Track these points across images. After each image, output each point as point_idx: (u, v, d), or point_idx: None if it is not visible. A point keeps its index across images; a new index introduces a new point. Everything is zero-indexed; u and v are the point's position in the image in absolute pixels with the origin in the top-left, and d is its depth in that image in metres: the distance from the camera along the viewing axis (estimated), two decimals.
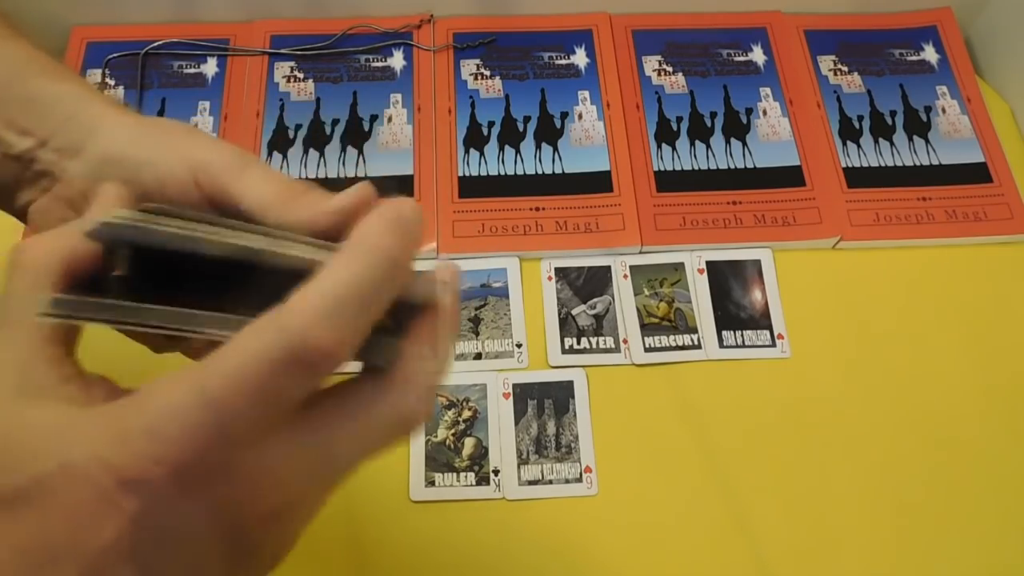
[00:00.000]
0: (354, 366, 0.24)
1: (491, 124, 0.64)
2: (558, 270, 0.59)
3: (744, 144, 0.64)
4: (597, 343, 0.56)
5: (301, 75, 0.66)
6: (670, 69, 0.67)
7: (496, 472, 0.52)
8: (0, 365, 0.22)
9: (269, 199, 0.27)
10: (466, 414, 0.54)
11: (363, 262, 0.21)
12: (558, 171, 0.62)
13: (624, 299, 0.58)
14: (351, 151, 0.63)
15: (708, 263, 0.59)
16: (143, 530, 0.20)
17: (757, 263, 0.59)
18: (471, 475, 0.52)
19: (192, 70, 0.66)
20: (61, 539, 0.20)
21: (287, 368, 0.20)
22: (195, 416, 0.20)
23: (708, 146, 0.63)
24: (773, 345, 0.57)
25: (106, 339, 0.26)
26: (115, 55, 0.66)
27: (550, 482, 0.52)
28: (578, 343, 0.56)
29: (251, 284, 0.22)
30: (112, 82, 0.65)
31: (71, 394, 0.22)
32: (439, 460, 0.52)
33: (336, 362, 0.21)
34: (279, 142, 0.63)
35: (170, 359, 0.31)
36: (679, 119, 0.65)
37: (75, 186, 0.31)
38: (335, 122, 0.64)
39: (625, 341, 0.56)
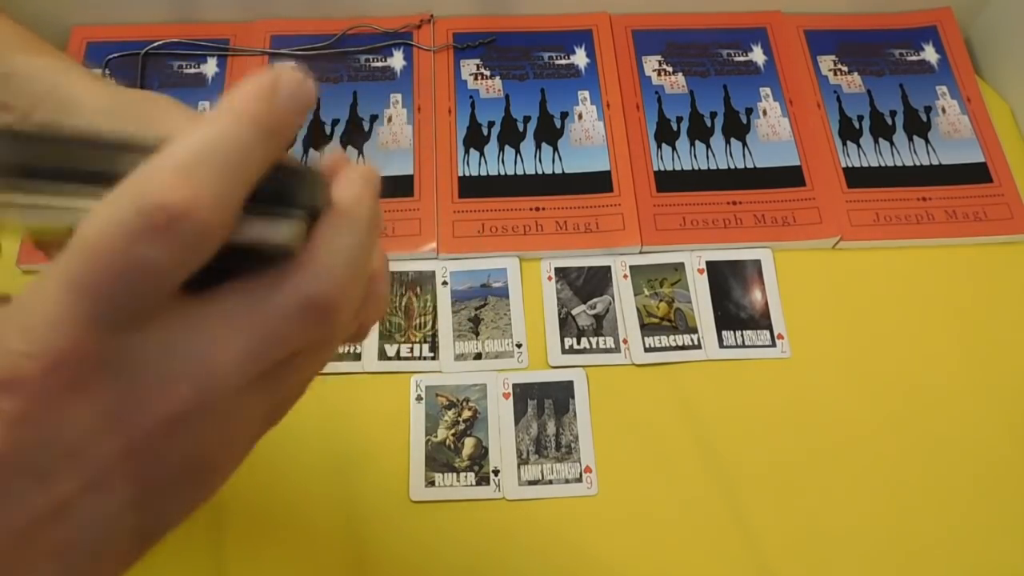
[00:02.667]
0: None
1: (491, 124, 0.64)
2: (558, 270, 0.59)
3: (744, 144, 0.64)
4: (597, 343, 0.56)
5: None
6: (670, 69, 0.67)
7: (496, 472, 0.52)
8: None
9: None
10: (466, 414, 0.54)
11: (224, 121, 0.19)
12: (558, 171, 0.62)
13: (624, 299, 0.58)
14: (351, 151, 0.63)
15: (708, 263, 0.59)
16: (27, 434, 0.19)
17: (757, 263, 0.59)
18: (471, 475, 0.52)
19: (192, 70, 0.66)
20: None
21: (146, 234, 0.18)
22: (61, 302, 0.18)
23: (708, 146, 0.63)
24: (773, 345, 0.57)
25: None
26: (115, 55, 0.66)
27: (550, 482, 0.52)
28: (578, 343, 0.56)
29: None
30: (112, 82, 0.65)
31: None
32: (439, 460, 0.52)
33: (202, 226, 0.19)
34: None
35: None
36: (679, 119, 0.65)
37: None
38: (335, 122, 0.64)
39: (625, 341, 0.56)
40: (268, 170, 0.21)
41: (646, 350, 0.56)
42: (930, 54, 0.69)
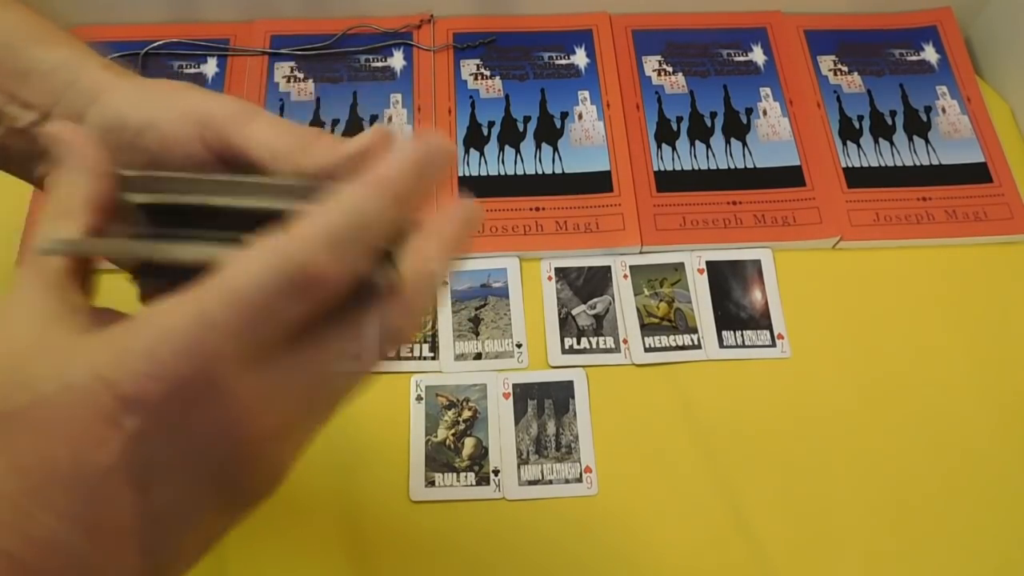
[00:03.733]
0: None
1: (491, 124, 0.64)
2: (558, 270, 0.59)
3: (744, 144, 0.64)
4: (597, 343, 0.56)
5: (301, 75, 0.66)
6: (670, 69, 0.67)
7: (496, 472, 0.52)
8: (15, 298, 0.23)
9: (280, 148, 0.27)
10: (466, 414, 0.54)
11: (369, 195, 0.22)
12: (558, 171, 0.62)
13: (624, 299, 0.58)
14: None
15: (708, 263, 0.59)
16: (142, 450, 0.20)
17: (757, 263, 0.59)
18: (471, 475, 0.52)
19: (192, 70, 0.66)
20: (62, 459, 0.20)
21: (285, 292, 0.20)
22: (193, 335, 0.20)
23: (708, 146, 0.63)
24: (773, 345, 0.57)
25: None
26: (115, 55, 0.65)
27: (550, 482, 0.52)
28: (578, 343, 0.56)
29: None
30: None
31: (80, 323, 0.22)
32: (439, 460, 0.52)
33: (333, 287, 0.21)
34: None
35: None
36: (679, 119, 0.65)
37: None
38: (335, 122, 0.64)
39: (625, 341, 0.56)
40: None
41: (646, 350, 0.56)
42: (930, 54, 0.69)
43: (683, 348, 0.56)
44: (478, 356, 0.56)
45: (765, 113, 0.65)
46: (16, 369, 0.21)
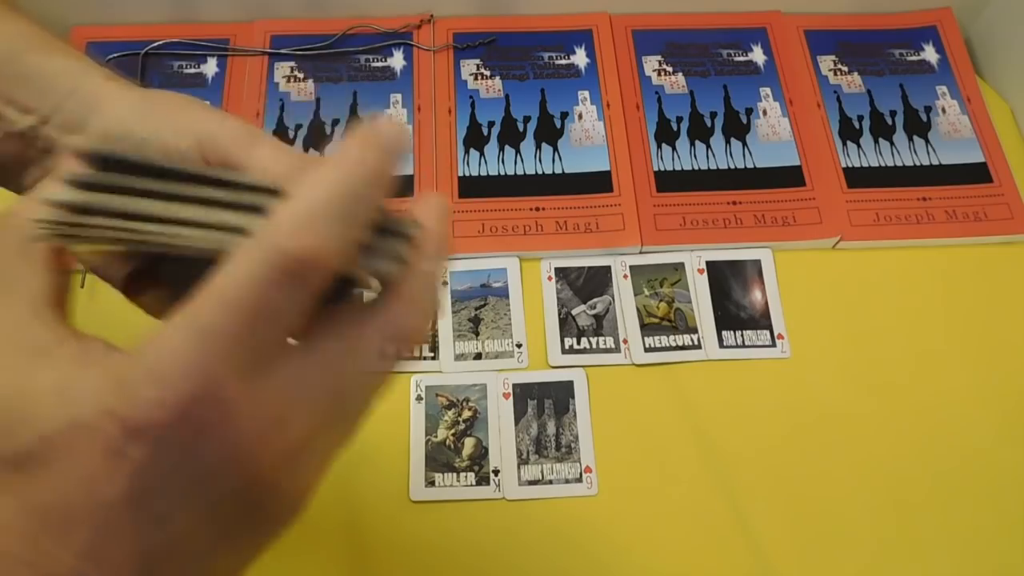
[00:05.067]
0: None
1: (491, 124, 0.64)
2: (558, 270, 0.59)
3: (744, 144, 0.64)
4: (597, 343, 0.56)
5: (301, 75, 0.66)
6: (670, 69, 0.67)
7: (496, 472, 0.52)
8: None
9: (279, 173, 0.27)
10: (466, 414, 0.54)
11: (340, 171, 0.21)
12: (558, 171, 0.62)
13: (624, 299, 0.58)
14: None
15: (708, 263, 0.59)
16: (154, 478, 0.20)
17: (757, 263, 0.59)
18: (471, 475, 0.52)
19: (192, 70, 0.66)
20: (76, 497, 0.19)
21: (277, 282, 0.20)
22: (193, 350, 0.19)
23: (708, 146, 0.63)
24: (773, 345, 0.57)
25: (103, 320, 0.26)
26: (115, 55, 0.66)
27: (550, 482, 0.52)
28: (578, 343, 0.56)
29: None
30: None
31: (70, 353, 0.22)
32: (439, 460, 0.52)
33: (323, 271, 0.20)
34: None
35: None
36: (679, 119, 0.65)
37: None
38: (335, 122, 0.64)
39: (625, 341, 0.56)
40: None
41: (646, 350, 0.56)
42: (930, 54, 0.69)
43: (683, 348, 0.56)
44: (478, 356, 0.56)
45: (765, 113, 0.65)
46: (13, 408, 0.20)
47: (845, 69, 0.67)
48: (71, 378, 0.21)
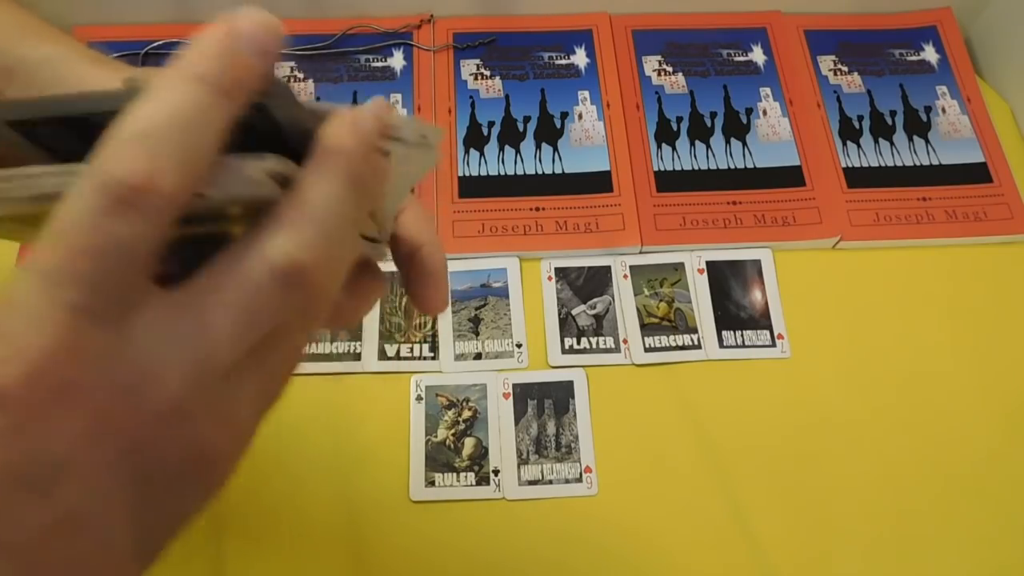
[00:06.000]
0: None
1: (491, 124, 0.64)
2: (558, 270, 0.59)
3: (744, 144, 0.64)
4: (597, 343, 0.56)
5: (301, 75, 0.66)
6: (670, 69, 0.67)
7: (496, 472, 0.52)
8: None
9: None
10: (466, 414, 0.54)
11: (173, 86, 0.18)
12: (558, 171, 0.62)
13: (624, 299, 0.58)
14: None
15: (708, 263, 0.59)
16: (20, 447, 0.18)
17: (757, 263, 0.59)
18: (471, 475, 0.52)
19: None
20: None
21: (112, 210, 0.17)
22: (39, 298, 0.17)
23: (708, 146, 0.63)
24: (773, 345, 0.57)
25: None
26: (115, 55, 0.65)
27: (550, 482, 0.52)
28: (578, 343, 0.56)
29: None
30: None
31: None
32: (439, 460, 0.52)
33: (166, 194, 0.18)
34: None
35: None
36: (679, 119, 0.65)
37: None
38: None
39: (625, 341, 0.56)
40: (246, 115, 0.20)
41: (646, 350, 0.56)
42: (930, 54, 0.69)
43: (683, 348, 0.56)
44: (478, 356, 0.56)
45: (765, 113, 0.65)
46: None
47: (845, 69, 0.67)
48: None
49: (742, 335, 0.57)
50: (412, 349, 0.56)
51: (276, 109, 0.20)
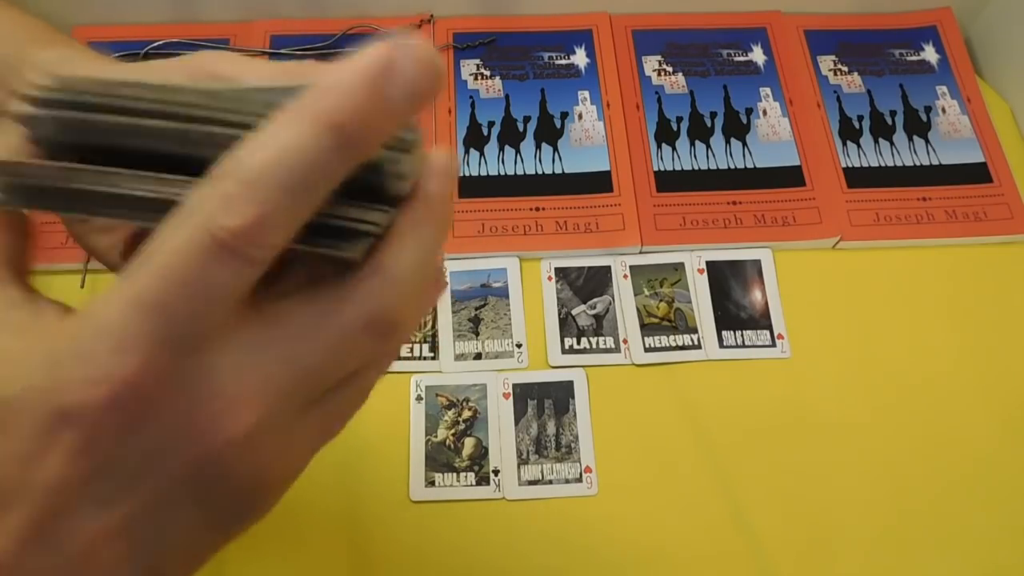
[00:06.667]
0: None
1: (491, 124, 0.64)
2: (558, 270, 0.59)
3: (744, 144, 0.64)
4: (597, 343, 0.56)
5: None
6: (670, 69, 0.67)
7: (496, 472, 0.52)
8: None
9: (276, 79, 0.22)
10: (466, 414, 0.54)
11: (297, 130, 0.17)
12: (558, 171, 0.62)
13: (624, 299, 0.58)
14: None
15: (708, 263, 0.59)
16: (91, 463, 0.18)
17: (757, 263, 0.59)
18: (471, 475, 0.52)
19: None
20: (10, 478, 0.18)
21: (216, 255, 0.17)
22: (126, 326, 0.18)
23: (708, 146, 0.63)
24: (773, 345, 0.57)
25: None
26: (115, 55, 0.65)
27: (550, 482, 0.52)
28: (578, 343, 0.56)
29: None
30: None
31: (19, 320, 0.20)
32: (439, 460, 0.52)
33: (267, 244, 0.18)
34: None
35: None
36: (679, 119, 0.65)
37: None
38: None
39: (625, 341, 0.56)
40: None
41: (646, 350, 0.56)
42: (930, 54, 0.69)
43: (683, 348, 0.56)
44: (478, 356, 0.56)
45: (765, 113, 0.65)
46: None
47: (845, 69, 0.67)
48: (6, 349, 0.19)
49: (742, 335, 0.57)
50: (412, 349, 0.56)
51: (393, 164, 0.20)
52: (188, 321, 0.18)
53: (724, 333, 0.57)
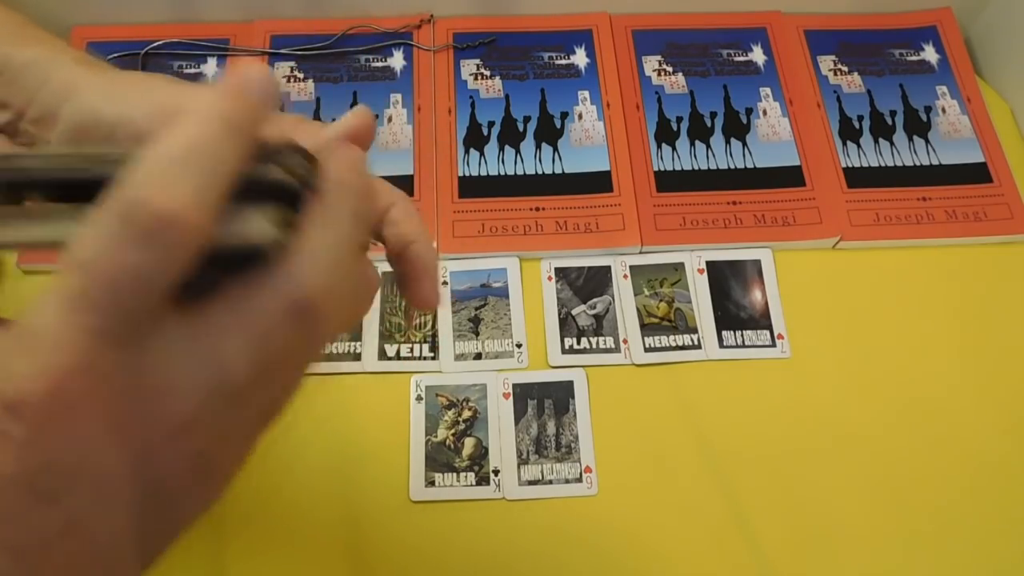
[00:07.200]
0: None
1: (491, 124, 0.64)
2: (558, 270, 0.59)
3: (744, 144, 0.64)
4: (597, 343, 0.56)
5: (301, 75, 0.66)
6: (670, 69, 0.67)
7: (496, 472, 0.52)
8: None
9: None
10: (466, 414, 0.54)
11: (192, 122, 0.20)
12: (558, 171, 0.62)
13: (624, 299, 0.58)
14: None
15: (708, 263, 0.59)
16: (36, 456, 0.19)
17: (757, 263, 0.59)
18: (471, 475, 0.52)
19: (192, 70, 0.66)
20: None
21: (134, 240, 0.19)
22: (61, 321, 0.19)
23: (708, 146, 0.63)
24: (773, 345, 0.57)
25: None
26: (115, 55, 0.66)
27: (550, 482, 0.52)
28: (578, 343, 0.56)
29: None
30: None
31: None
32: (439, 460, 0.52)
33: (184, 228, 0.19)
34: None
35: None
36: (679, 119, 0.65)
37: None
38: (335, 122, 0.64)
39: (625, 341, 0.56)
40: (248, 166, 0.21)
41: (646, 350, 0.56)
42: (930, 54, 0.69)
43: (683, 348, 0.56)
44: (478, 356, 0.56)
45: (765, 113, 0.65)
46: None
47: (845, 69, 0.67)
48: None
49: (742, 335, 0.57)
50: (412, 349, 0.56)
51: (278, 163, 0.22)
52: (117, 312, 0.19)
53: (724, 333, 0.57)
